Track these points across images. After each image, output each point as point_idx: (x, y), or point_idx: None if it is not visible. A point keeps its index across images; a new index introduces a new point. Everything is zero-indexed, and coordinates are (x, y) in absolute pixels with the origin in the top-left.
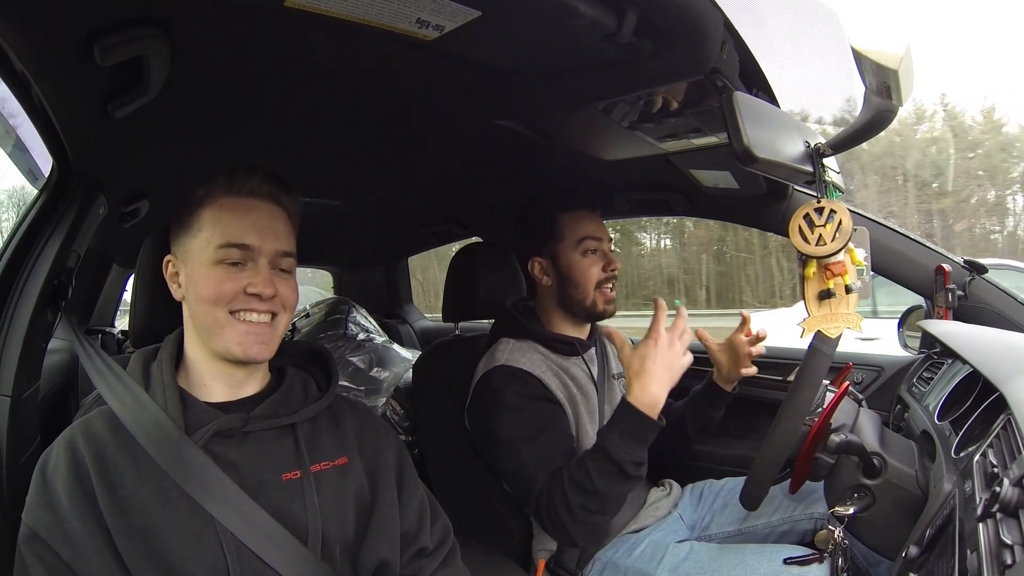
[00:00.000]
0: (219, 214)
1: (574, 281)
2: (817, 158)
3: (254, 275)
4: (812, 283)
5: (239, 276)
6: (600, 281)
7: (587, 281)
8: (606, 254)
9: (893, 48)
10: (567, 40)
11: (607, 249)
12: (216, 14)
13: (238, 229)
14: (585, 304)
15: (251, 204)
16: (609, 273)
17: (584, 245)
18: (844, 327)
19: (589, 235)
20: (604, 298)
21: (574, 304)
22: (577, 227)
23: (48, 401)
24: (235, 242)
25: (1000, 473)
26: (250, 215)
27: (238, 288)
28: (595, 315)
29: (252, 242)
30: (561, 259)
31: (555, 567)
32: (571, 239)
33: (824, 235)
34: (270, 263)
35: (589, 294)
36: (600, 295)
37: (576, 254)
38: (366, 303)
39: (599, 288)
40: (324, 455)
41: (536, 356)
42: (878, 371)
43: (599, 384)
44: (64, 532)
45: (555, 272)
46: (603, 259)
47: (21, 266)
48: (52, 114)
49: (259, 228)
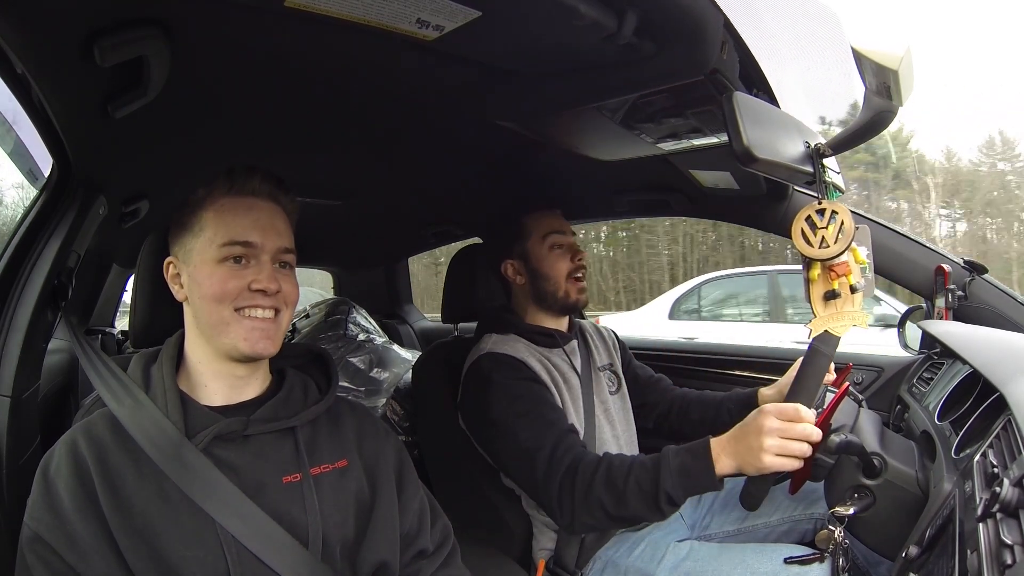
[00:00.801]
0: (221, 214)
1: (545, 274)
2: (817, 158)
3: (258, 271)
4: (817, 285)
5: (243, 273)
6: (570, 271)
7: (558, 274)
8: (572, 246)
9: (893, 48)
10: (567, 41)
11: (572, 242)
12: (216, 14)
13: (240, 227)
14: (558, 296)
15: (251, 203)
16: (577, 263)
17: (550, 240)
18: (851, 325)
19: (554, 230)
20: (576, 287)
21: (548, 297)
22: (541, 225)
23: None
24: (238, 240)
25: (1000, 473)
26: (251, 213)
27: (242, 285)
28: (569, 306)
29: (254, 239)
30: (531, 256)
31: (555, 567)
32: (537, 236)
33: (827, 237)
34: (272, 259)
35: (561, 286)
36: (572, 285)
37: (544, 249)
38: (366, 303)
39: (570, 279)
40: (324, 457)
41: (520, 345)
42: (878, 371)
43: (583, 375)
44: (67, 534)
45: (527, 270)
46: (570, 251)
47: (21, 266)
48: (52, 114)
49: (261, 226)
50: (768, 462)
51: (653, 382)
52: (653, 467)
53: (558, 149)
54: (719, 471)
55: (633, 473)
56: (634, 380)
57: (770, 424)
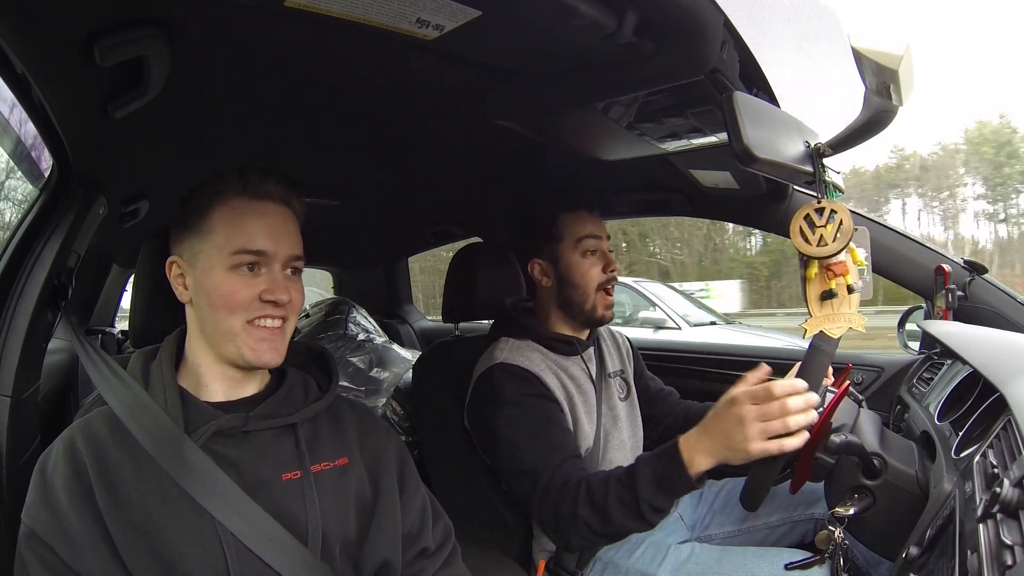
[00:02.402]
0: (231, 217)
1: (574, 283)
2: (817, 158)
3: (269, 281)
4: (814, 284)
5: (254, 282)
6: (601, 283)
7: (587, 283)
8: (606, 254)
9: (893, 48)
10: (567, 40)
11: (606, 249)
12: (216, 14)
13: (251, 234)
14: (585, 307)
15: (264, 207)
16: (609, 274)
17: (583, 245)
18: (847, 327)
19: (588, 234)
20: (604, 302)
21: (574, 307)
22: (576, 226)
23: (48, 401)
24: (250, 248)
25: (1000, 474)
26: (264, 219)
27: (253, 295)
28: (594, 320)
29: (267, 248)
30: (561, 260)
31: (555, 567)
32: (570, 239)
33: (825, 236)
34: (283, 267)
35: (590, 296)
36: (600, 298)
37: (576, 255)
38: (366, 303)
39: (600, 290)
40: (324, 455)
41: (535, 355)
42: (878, 371)
43: (597, 383)
44: (63, 531)
45: (555, 274)
46: (603, 260)
47: (21, 266)
48: (52, 114)
49: (274, 233)
50: (757, 450)
51: (663, 396)
52: (629, 480)
53: (558, 149)
54: (695, 471)
55: (611, 490)
56: (645, 391)
57: (746, 412)
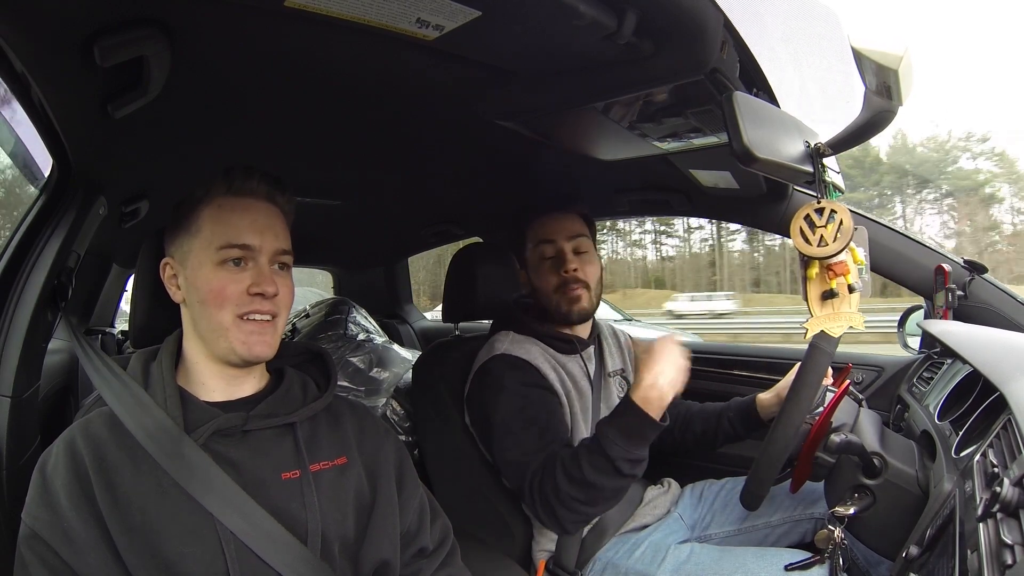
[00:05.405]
0: (218, 214)
1: (538, 287)
2: (817, 158)
3: (256, 274)
4: (815, 284)
5: (241, 277)
6: (556, 286)
7: (546, 287)
8: (563, 255)
9: (893, 48)
10: (567, 40)
11: (566, 249)
12: (216, 14)
13: (238, 229)
14: (551, 308)
15: (249, 204)
16: (563, 276)
17: (540, 251)
18: (847, 326)
19: (543, 239)
20: (567, 299)
21: (548, 308)
22: (536, 232)
23: (48, 401)
24: (236, 243)
25: (1000, 473)
26: (249, 214)
27: (241, 288)
28: (567, 318)
29: (252, 242)
30: (529, 265)
31: (555, 567)
32: (532, 245)
33: (825, 236)
34: (270, 261)
35: (551, 298)
36: (562, 299)
37: (535, 260)
38: (366, 303)
39: (559, 292)
40: (323, 455)
41: (535, 349)
42: (878, 371)
43: (595, 382)
44: (63, 531)
45: (528, 279)
46: (558, 263)
47: (21, 266)
48: (52, 114)
49: (259, 227)
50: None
51: None
52: (596, 445)
53: (558, 149)
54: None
55: (583, 459)
56: None
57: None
